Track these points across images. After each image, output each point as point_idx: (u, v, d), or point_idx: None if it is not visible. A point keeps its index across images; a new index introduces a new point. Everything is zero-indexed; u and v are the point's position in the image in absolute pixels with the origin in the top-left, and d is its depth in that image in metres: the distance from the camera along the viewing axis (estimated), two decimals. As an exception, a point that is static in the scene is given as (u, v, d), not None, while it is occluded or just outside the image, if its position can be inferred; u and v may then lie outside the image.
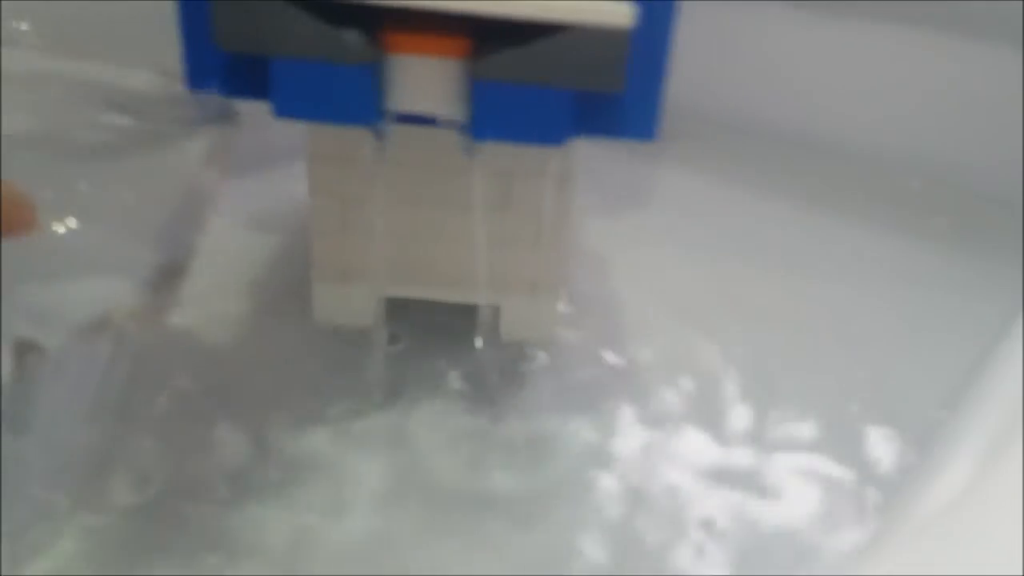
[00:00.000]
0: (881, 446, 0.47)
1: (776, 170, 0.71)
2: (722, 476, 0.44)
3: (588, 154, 0.46)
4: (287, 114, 0.33)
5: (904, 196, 0.68)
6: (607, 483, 0.43)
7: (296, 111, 0.33)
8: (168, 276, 0.36)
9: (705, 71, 0.76)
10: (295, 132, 0.41)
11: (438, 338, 0.50)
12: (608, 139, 0.36)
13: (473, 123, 0.34)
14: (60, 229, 0.32)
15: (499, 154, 0.36)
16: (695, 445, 0.46)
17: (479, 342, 0.48)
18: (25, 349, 0.31)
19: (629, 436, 0.46)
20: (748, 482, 0.44)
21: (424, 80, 0.34)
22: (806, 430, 0.48)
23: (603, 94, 0.34)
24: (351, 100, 0.33)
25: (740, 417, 0.48)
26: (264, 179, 0.61)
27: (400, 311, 0.48)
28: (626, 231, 0.64)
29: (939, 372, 0.51)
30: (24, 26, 0.47)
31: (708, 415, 0.48)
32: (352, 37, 0.32)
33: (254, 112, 0.35)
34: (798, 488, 0.44)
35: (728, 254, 0.62)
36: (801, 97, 0.74)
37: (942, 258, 0.62)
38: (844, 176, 0.70)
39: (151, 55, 0.37)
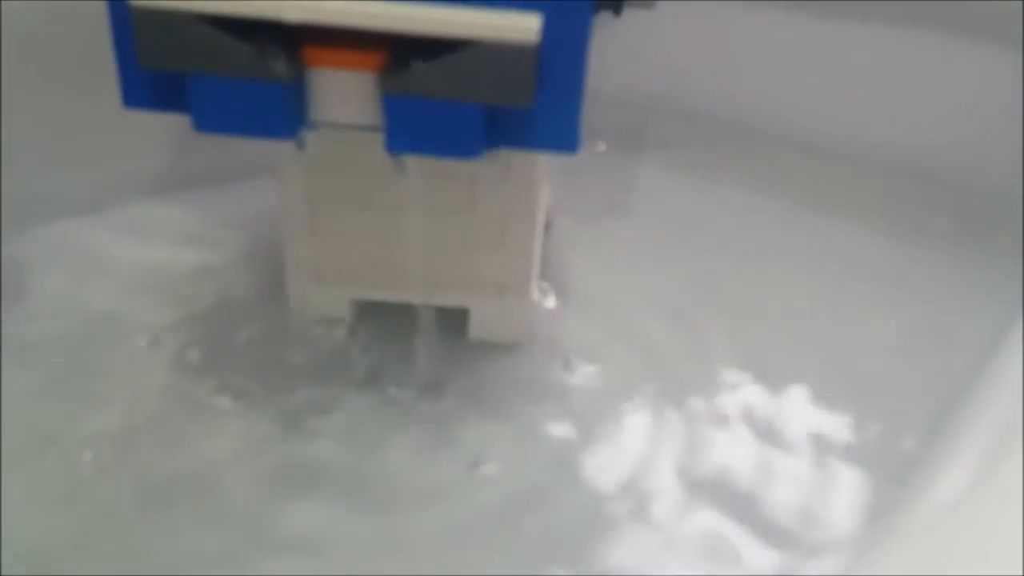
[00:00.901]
0: (880, 448, 0.46)
1: (771, 171, 0.69)
2: (702, 484, 0.44)
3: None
4: (206, 128, 0.34)
5: (903, 197, 0.66)
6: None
7: (215, 125, 0.34)
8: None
9: (701, 73, 0.75)
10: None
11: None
12: (529, 150, 0.36)
13: (389, 137, 0.34)
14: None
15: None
16: (687, 447, 0.46)
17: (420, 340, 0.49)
18: None
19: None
20: (735, 487, 0.44)
21: (342, 92, 0.35)
22: (804, 432, 0.47)
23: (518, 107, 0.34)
24: (269, 114, 0.34)
25: (732, 422, 0.48)
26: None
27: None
28: (614, 234, 0.64)
29: (939, 374, 0.50)
30: None
31: (699, 420, 0.48)
32: (269, 54, 0.33)
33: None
34: (790, 494, 0.43)
35: (723, 256, 0.61)
36: (796, 98, 0.73)
37: (941, 259, 0.61)
38: (840, 177, 0.69)
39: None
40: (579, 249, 0.61)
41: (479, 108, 0.34)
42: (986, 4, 0.60)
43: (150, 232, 0.60)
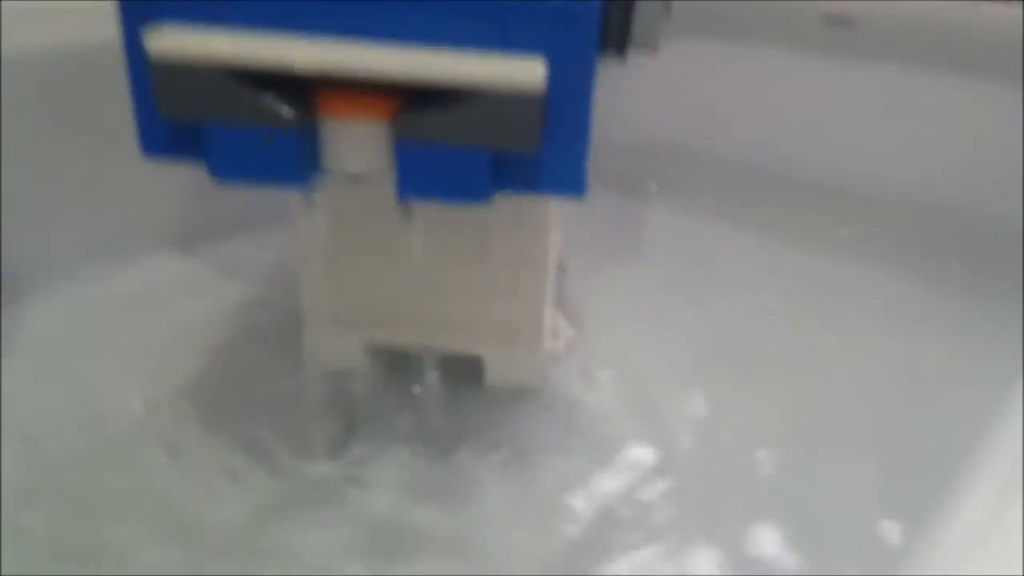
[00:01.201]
0: (889, 491, 0.46)
1: (778, 212, 0.70)
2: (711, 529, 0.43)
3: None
4: (221, 176, 0.35)
5: (910, 237, 0.67)
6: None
7: (230, 173, 0.35)
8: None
9: (707, 116, 0.76)
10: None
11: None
12: (537, 194, 0.36)
13: (400, 183, 0.35)
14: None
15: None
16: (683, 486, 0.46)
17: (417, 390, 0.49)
18: None
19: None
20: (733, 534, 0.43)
21: (354, 141, 0.35)
22: (815, 472, 0.47)
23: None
24: (282, 162, 0.34)
25: (737, 462, 0.48)
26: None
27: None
28: (622, 277, 0.64)
29: (947, 414, 0.50)
30: None
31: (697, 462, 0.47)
32: (282, 103, 0.33)
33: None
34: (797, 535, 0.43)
35: (727, 298, 0.62)
36: (801, 140, 0.73)
37: (949, 299, 0.61)
38: (850, 218, 0.69)
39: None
40: (594, 292, 0.61)
41: (486, 154, 0.34)
42: (988, 45, 0.61)
43: (164, 285, 0.61)
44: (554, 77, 0.33)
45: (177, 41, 0.33)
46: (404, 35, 0.33)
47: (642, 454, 0.48)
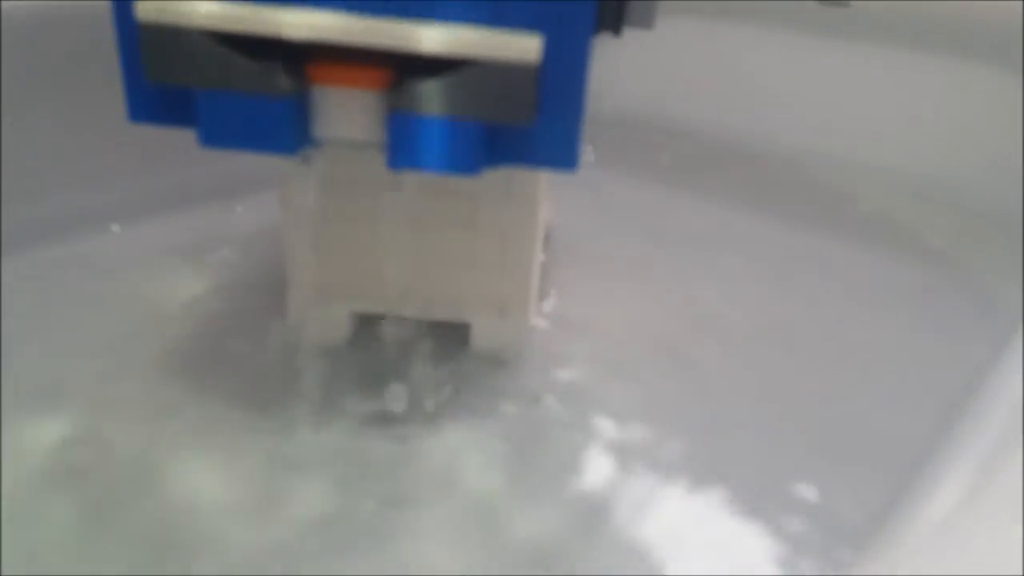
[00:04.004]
0: (868, 472, 0.46)
1: (768, 190, 0.70)
2: (674, 498, 0.44)
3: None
4: (212, 143, 0.34)
5: (900, 216, 0.67)
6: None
7: (221, 140, 0.34)
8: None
9: (702, 92, 0.76)
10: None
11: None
12: (529, 168, 0.36)
13: (392, 153, 0.35)
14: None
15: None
16: (666, 463, 0.46)
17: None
18: None
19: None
20: (716, 512, 0.44)
21: (347, 110, 0.35)
22: (794, 448, 0.47)
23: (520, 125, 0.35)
24: (274, 130, 0.34)
25: (716, 440, 0.48)
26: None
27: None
28: (610, 248, 0.65)
29: (931, 391, 0.49)
30: None
31: (682, 437, 0.48)
32: (275, 70, 0.33)
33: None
34: (780, 516, 0.43)
35: (714, 274, 0.62)
36: (793, 119, 0.74)
37: (937, 278, 0.61)
38: (838, 197, 0.70)
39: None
40: (578, 264, 0.62)
41: (479, 126, 0.34)
42: (987, 27, 0.61)
43: (149, 249, 0.61)
44: (550, 51, 0.33)
45: (168, 5, 0.32)
46: (399, 11, 0.33)
47: (614, 422, 0.48)
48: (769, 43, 0.73)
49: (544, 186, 0.50)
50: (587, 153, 0.74)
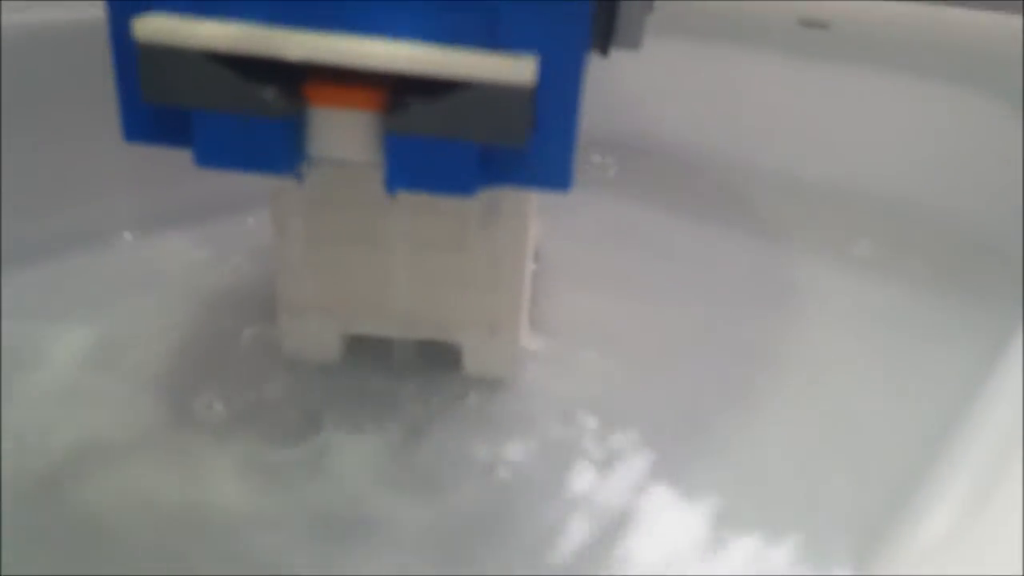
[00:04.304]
0: (856, 491, 0.46)
1: (756, 211, 0.71)
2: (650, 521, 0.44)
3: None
4: (207, 163, 0.34)
5: (883, 237, 0.68)
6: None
7: (216, 161, 0.34)
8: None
9: (692, 113, 0.77)
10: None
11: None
12: (522, 188, 0.36)
13: (388, 175, 0.35)
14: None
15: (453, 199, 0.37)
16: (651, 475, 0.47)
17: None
18: None
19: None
20: (704, 532, 0.44)
21: (343, 130, 0.35)
22: (779, 473, 0.48)
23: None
24: (269, 150, 0.34)
25: (698, 466, 0.48)
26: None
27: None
28: (599, 266, 0.65)
29: (919, 414, 0.51)
30: None
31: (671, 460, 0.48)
32: (270, 92, 0.33)
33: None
34: (770, 534, 0.44)
35: (699, 294, 0.63)
36: (781, 141, 0.75)
37: (922, 300, 0.62)
38: (826, 218, 0.71)
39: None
40: (566, 282, 0.62)
41: (475, 146, 0.34)
42: (986, 56, 0.62)
43: (141, 267, 0.61)
44: (544, 73, 0.34)
45: (166, 26, 0.32)
46: (394, 31, 0.34)
47: (611, 440, 0.49)
48: (755, 63, 0.75)
49: (534, 205, 0.50)
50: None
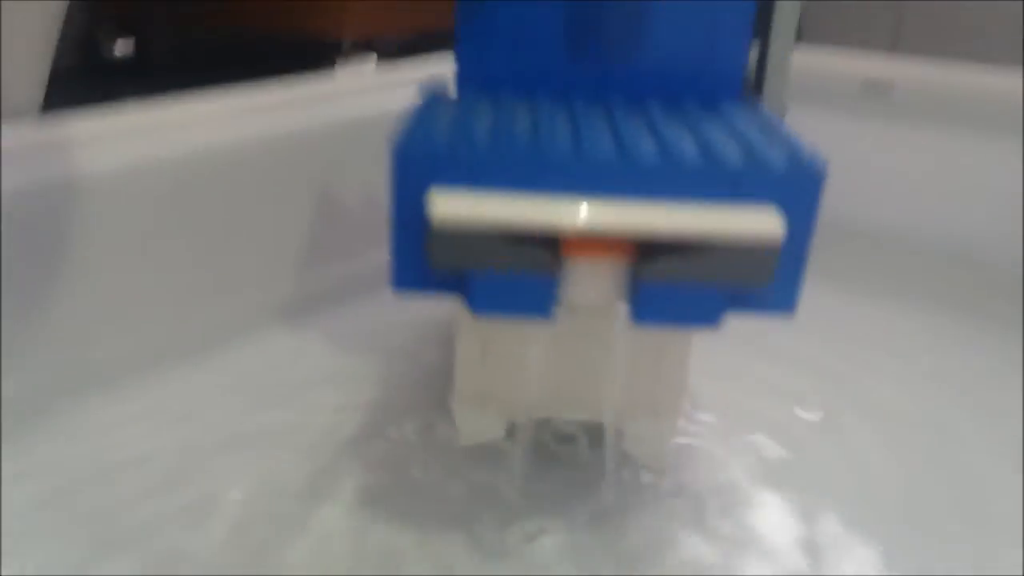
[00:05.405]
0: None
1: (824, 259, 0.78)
2: None
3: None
4: (483, 312, 0.39)
5: (954, 283, 0.75)
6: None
7: (491, 309, 0.39)
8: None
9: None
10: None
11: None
12: (752, 313, 0.40)
13: (636, 313, 0.39)
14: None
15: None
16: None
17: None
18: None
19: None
20: None
21: (595, 278, 0.39)
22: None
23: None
24: (537, 300, 0.39)
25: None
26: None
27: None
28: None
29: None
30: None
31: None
32: (542, 252, 0.37)
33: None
34: None
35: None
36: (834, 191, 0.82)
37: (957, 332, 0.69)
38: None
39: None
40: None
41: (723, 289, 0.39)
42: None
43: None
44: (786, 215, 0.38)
45: (459, 209, 0.37)
46: (647, 194, 0.38)
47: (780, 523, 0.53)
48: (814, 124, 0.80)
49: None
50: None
